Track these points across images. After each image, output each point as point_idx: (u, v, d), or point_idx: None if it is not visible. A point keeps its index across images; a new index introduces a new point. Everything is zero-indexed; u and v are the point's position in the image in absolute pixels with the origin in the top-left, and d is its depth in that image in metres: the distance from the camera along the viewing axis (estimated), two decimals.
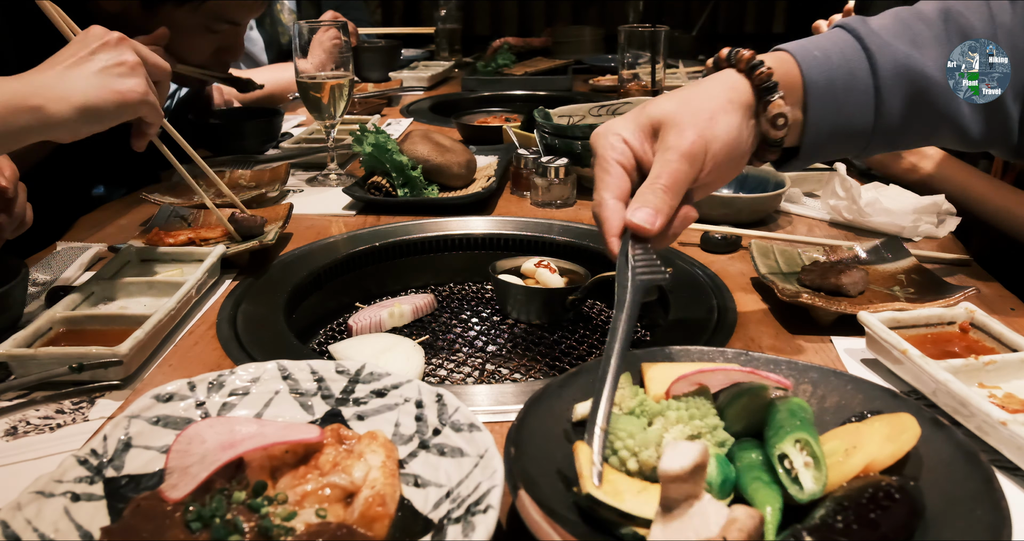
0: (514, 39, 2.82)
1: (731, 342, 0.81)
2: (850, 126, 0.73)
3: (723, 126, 0.68)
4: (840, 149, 0.77)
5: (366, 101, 2.05)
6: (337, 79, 1.30)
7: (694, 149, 0.66)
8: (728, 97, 0.69)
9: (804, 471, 0.51)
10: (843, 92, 0.72)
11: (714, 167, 0.68)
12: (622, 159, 0.68)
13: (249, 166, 1.41)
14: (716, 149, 0.67)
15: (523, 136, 1.49)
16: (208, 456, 0.52)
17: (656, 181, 0.66)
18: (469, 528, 0.46)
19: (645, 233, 0.64)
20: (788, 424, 0.54)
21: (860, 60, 0.72)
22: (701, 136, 0.66)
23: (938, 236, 1.10)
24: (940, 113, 0.74)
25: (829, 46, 0.73)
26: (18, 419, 0.68)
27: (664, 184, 0.65)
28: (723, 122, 0.68)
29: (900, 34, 0.73)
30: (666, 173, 0.66)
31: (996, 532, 0.45)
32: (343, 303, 1.06)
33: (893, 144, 0.78)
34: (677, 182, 0.66)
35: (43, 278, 0.97)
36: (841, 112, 0.72)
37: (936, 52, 0.73)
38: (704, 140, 0.67)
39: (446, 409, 0.57)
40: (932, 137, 0.79)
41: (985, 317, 0.76)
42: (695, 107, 0.68)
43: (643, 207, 0.65)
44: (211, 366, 0.77)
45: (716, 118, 0.68)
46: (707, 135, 0.67)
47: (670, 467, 0.46)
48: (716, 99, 0.69)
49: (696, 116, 0.67)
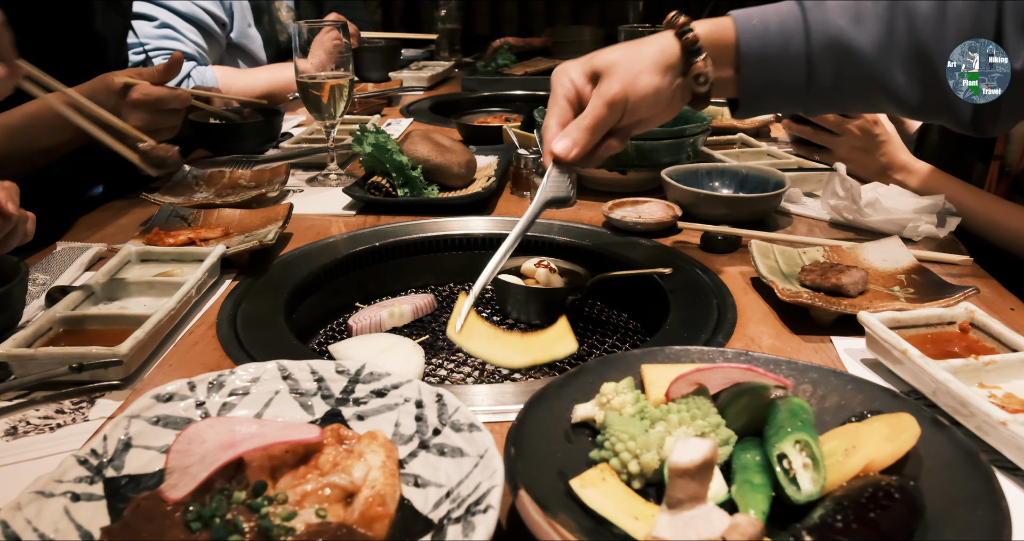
0: (514, 39, 2.82)
1: (731, 342, 0.81)
2: (782, 86, 0.85)
3: (644, 83, 0.81)
4: (778, 105, 0.90)
5: (366, 101, 2.05)
6: (337, 79, 1.30)
7: (616, 99, 0.80)
8: (655, 59, 0.82)
9: (802, 472, 0.51)
10: (776, 57, 0.83)
11: (633, 113, 0.83)
12: (568, 95, 0.84)
13: (249, 166, 1.41)
14: (635, 101, 0.82)
15: (523, 136, 1.49)
16: (208, 456, 0.52)
17: (582, 120, 0.81)
18: (469, 528, 0.46)
19: (561, 159, 0.81)
20: (789, 424, 0.54)
21: (798, 30, 0.82)
22: (623, 89, 0.80)
23: (938, 236, 1.10)
24: (872, 83, 0.83)
25: (771, 15, 0.84)
26: (18, 419, 0.68)
27: (586, 124, 0.81)
28: (645, 80, 0.81)
29: (846, 9, 0.82)
30: (591, 115, 0.81)
31: (996, 532, 0.45)
32: (343, 303, 1.06)
33: (832, 105, 0.89)
34: (597, 123, 0.81)
35: (43, 278, 0.97)
36: (773, 74, 0.84)
37: (873, 27, 0.81)
38: (626, 93, 0.81)
39: (446, 409, 0.57)
40: (871, 103, 0.87)
41: (985, 317, 0.76)
42: (627, 63, 0.82)
43: (564, 138, 0.81)
44: (211, 366, 0.77)
45: (640, 76, 0.81)
46: (629, 89, 0.81)
47: (680, 461, 0.46)
48: (645, 60, 0.82)
49: (626, 71, 0.81)
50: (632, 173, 1.25)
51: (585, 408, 0.60)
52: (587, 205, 1.25)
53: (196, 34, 1.97)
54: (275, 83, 2.02)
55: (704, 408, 0.57)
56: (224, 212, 1.13)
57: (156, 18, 1.91)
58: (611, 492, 0.52)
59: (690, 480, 0.46)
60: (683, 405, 0.58)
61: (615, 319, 1.03)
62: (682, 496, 0.47)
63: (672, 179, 1.17)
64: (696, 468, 0.46)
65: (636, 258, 1.03)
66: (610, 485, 0.53)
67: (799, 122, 1.38)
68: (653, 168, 1.24)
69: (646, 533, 0.48)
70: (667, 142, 1.22)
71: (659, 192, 1.24)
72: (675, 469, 0.46)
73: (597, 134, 0.82)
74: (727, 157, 1.41)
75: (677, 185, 1.15)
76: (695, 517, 0.47)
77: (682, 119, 1.36)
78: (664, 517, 0.47)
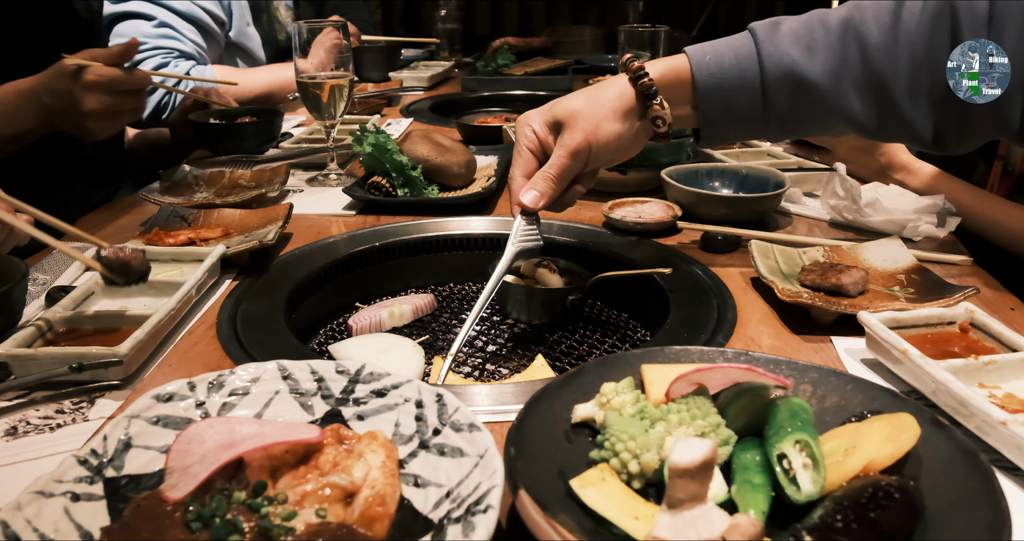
0: (514, 39, 2.82)
1: (731, 342, 0.81)
2: (739, 118, 0.87)
3: (605, 131, 0.85)
4: (738, 135, 0.92)
5: (366, 101, 2.05)
6: (337, 79, 1.30)
7: (579, 149, 0.84)
8: (613, 106, 0.85)
9: (802, 472, 0.51)
10: (731, 91, 0.85)
11: (596, 160, 0.87)
12: (531, 145, 0.87)
13: (249, 166, 1.41)
14: (597, 149, 0.85)
15: None
16: (208, 456, 0.52)
17: (547, 170, 0.85)
18: (469, 528, 0.46)
19: (529, 210, 0.85)
20: (789, 424, 0.54)
21: (752, 64, 0.85)
22: (586, 139, 0.84)
23: (938, 236, 1.10)
24: (828, 111, 0.85)
25: (725, 50, 0.86)
26: (18, 419, 0.68)
27: (551, 174, 0.85)
28: (606, 128, 0.85)
29: (799, 39, 0.84)
30: (555, 165, 0.85)
31: (996, 532, 0.45)
32: (343, 303, 1.06)
33: (792, 132, 0.92)
34: (562, 172, 0.85)
35: (43, 278, 0.97)
36: (731, 106, 0.86)
37: (825, 58, 0.83)
38: (588, 142, 0.84)
39: (446, 409, 0.57)
40: (828, 128, 0.89)
41: (985, 317, 0.76)
42: (588, 112, 0.85)
43: (531, 190, 0.85)
44: (211, 366, 0.77)
45: (601, 125, 0.85)
46: (591, 138, 0.84)
47: (680, 460, 0.46)
48: (605, 107, 0.85)
49: (587, 121, 0.84)
50: (632, 173, 1.25)
51: (585, 408, 0.60)
52: (587, 205, 1.25)
53: (195, 33, 1.97)
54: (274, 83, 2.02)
55: (704, 408, 0.57)
56: (224, 212, 1.13)
57: (155, 17, 1.91)
58: (611, 492, 0.52)
59: (690, 480, 0.46)
60: (683, 405, 0.58)
61: (615, 319, 1.03)
62: (682, 496, 0.47)
63: (672, 179, 1.17)
64: (696, 468, 0.46)
65: (636, 258, 1.03)
66: (610, 485, 0.53)
67: None
68: (653, 168, 1.24)
69: (646, 533, 0.48)
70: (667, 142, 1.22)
71: (659, 192, 1.24)
72: (675, 469, 0.46)
73: (562, 183, 0.86)
74: (727, 157, 1.41)
75: (677, 185, 1.15)
76: (695, 517, 0.47)
77: None
78: (664, 517, 0.47)
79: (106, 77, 1.15)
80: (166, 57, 1.89)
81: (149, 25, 1.90)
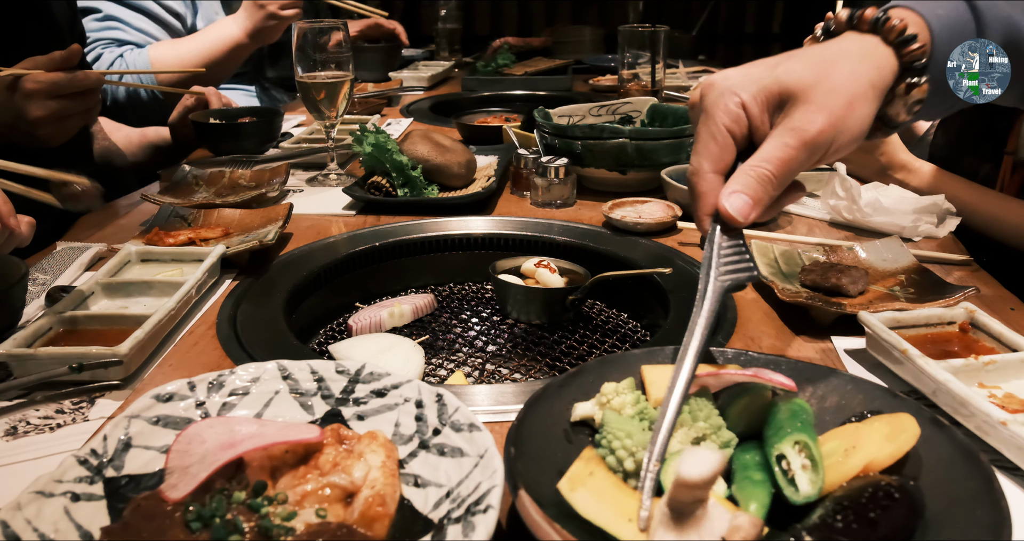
0: (514, 39, 2.82)
1: (731, 342, 0.81)
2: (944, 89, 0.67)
3: (858, 117, 0.58)
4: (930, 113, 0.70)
5: (366, 101, 2.05)
6: (337, 79, 1.30)
7: (820, 139, 0.57)
8: (871, 79, 0.59)
9: (800, 473, 0.51)
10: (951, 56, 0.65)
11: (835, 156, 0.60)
12: (734, 127, 0.59)
13: (249, 166, 1.41)
14: (842, 141, 0.58)
15: (523, 136, 1.49)
16: (208, 456, 0.52)
17: (763, 165, 0.57)
18: (469, 528, 0.46)
19: (734, 224, 0.58)
20: (789, 425, 0.54)
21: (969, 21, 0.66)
22: (832, 125, 0.57)
23: (938, 236, 1.10)
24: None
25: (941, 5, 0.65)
26: (18, 419, 0.68)
27: (771, 171, 0.57)
28: (860, 112, 0.58)
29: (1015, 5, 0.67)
30: (778, 159, 0.57)
31: (996, 532, 0.45)
32: (343, 303, 1.06)
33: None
34: (787, 171, 0.58)
35: (43, 278, 0.97)
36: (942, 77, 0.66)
37: None
38: (835, 130, 0.57)
39: (446, 409, 0.57)
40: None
41: (985, 317, 0.76)
42: (834, 84, 0.58)
43: (740, 193, 0.57)
44: (211, 366, 0.77)
45: (855, 106, 0.58)
46: (839, 125, 0.57)
47: (689, 475, 0.45)
48: (859, 80, 0.59)
49: (832, 97, 0.58)
50: (632, 173, 1.25)
51: (584, 406, 0.60)
52: (587, 205, 1.25)
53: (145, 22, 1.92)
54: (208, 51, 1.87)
55: (705, 409, 0.57)
56: (224, 212, 1.13)
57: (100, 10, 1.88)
58: (601, 490, 0.51)
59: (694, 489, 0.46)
60: (684, 406, 0.58)
61: (615, 319, 1.03)
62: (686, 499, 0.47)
63: (672, 179, 1.17)
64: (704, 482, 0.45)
65: (636, 258, 1.03)
66: (599, 480, 0.52)
67: None
68: (653, 168, 1.24)
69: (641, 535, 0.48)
70: (667, 142, 1.22)
71: (659, 192, 1.24)
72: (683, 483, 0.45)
73: (783, 186, 0.59)
74: None
75: (677, 185, 1.15)
76: (696, 518, 0.47)
77: (682, 119, 1.36)
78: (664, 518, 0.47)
79: (45, 82, 1.12)
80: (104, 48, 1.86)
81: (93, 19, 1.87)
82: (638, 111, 1.46)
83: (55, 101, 1.14)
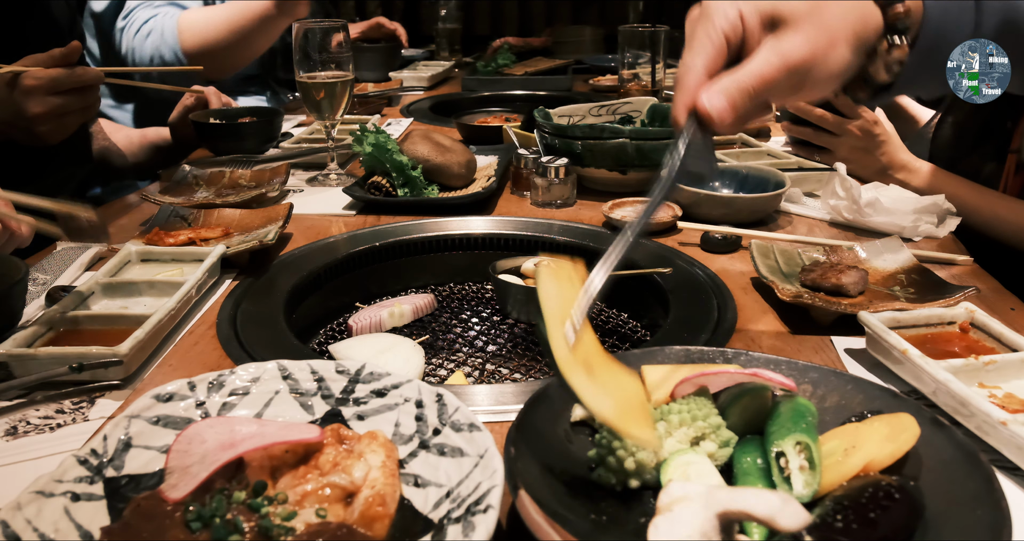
0: (514, 39, 2.82)
1: (731, 342, 0.81)
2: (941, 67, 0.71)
3: (837, 56, 0.64)
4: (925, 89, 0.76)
5: (366, 101, 2.05)
6: (337, 79, 1.30)
7: (799, 66, 0.63)
8: (855, 27, 0.65)
9: (797, 474, 0.51)
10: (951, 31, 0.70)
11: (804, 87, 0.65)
12: (731, 33, 0.64)
13: (249, 166, 1.41)
14: (818, 76, 0.64)
15: (523, 136, 1.49)
16: (208, 456, 0.52)
17: (747, 76, 0.62)
18: (469, 528, 0.46)
19: (709, 123, 0.62)
20: (793, 424, 0.54)
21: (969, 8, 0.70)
22: (812, 56, 0.63)
23: (938, 236, 1.10)
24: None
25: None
26: (18, 419, 0.68)
27: (752, 84, 0.62)
28: (838, 53, 0.64)
29: None
30: (760, 75, 0.62)
31: (996, 532, 0.45)
32: (343, 303, 1.06)
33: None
34: (766, 88, 0.63)
35: (43, 278, 0.97)
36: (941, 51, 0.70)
37: None
38: (813, 61, 0.63)
39: (446, 409, 0.57)
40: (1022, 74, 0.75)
41: (985, 317, 0.76)
42: (823, 20, 0.63)
43: (721, 95, 0.62)
44: (211, 366, 0.77)
45: (836, 45, 0.64)
46: (818, 58, 0.63)
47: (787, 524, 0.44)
48: (845, 23, 0.64)
49: (819, 31, 0.63)
50: (632, 173, 1.25)
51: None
52: (587, 205, 1.25)
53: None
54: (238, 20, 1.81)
55: (705, 409, 0.57)
56: (224, 212, 1.13)
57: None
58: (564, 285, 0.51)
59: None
60: (684, 405, 0.58)
61: (615, 319, 1.03)
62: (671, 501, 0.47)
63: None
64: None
65: (636, 258, 1.02)
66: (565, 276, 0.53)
67: (799, 123, 1.38)
68: (653, 168, 1.24)
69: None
70: (667, 142, 1.22)
71: None
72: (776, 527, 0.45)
73: (759, 99, 0.64)
74: (727, 157, 1.41)
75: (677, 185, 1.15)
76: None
77: None
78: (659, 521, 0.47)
79: (45, 79, 1.12)
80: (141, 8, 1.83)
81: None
82: (638, 111, 1.46)
83: (55, 97, 1.13)
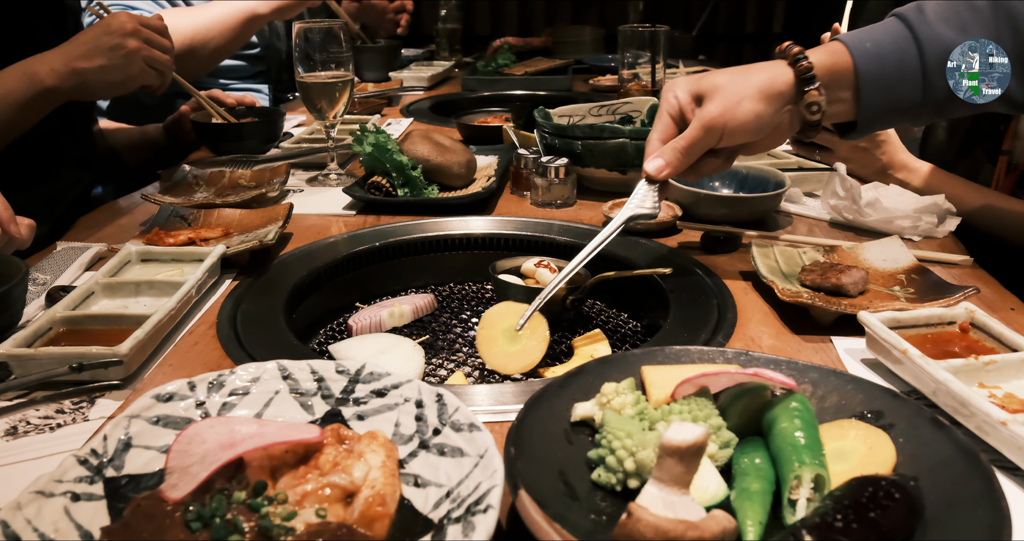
0: (514, 39, 2.82)
1: (731, 342, 0.81)
2: (900, 105, 0.84)
3: (745, 109, 0.82)
4: (892, 122, 0.90)
5: (366, 101, 2.05)
6: (337, 79, 1.30)
7: (714, 123, 0.82)
8: (760, 87, 0.83)
9: (804, 502, 0.51)
10: (894, 78, 0.83)
11: (731, 137, 0.84)
12: (673, 112, 0.87)
13: (249, 166, 1.41)
14: (733, 127, 0.83)
15: (523, 136, 1.49)
16: (208, 456, 0.52)
17: (678, 141, 0.84)
18: (469, 528, 0.46)
19: (652, 177, 0.86)
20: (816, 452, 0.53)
21: (910, 48, 0.82)
22: (723, 115, 0.82)
23: (938, 236, 1.10)
24: None
25: (881, 36, 0.84)
26: (18, 419, 0.68)
27: (681, 145, 0.84)
28: (746, 107, 0.82)
29: (950, 21, 0.82)
30: (687, 137, 0.84)
31: (996, 532, 0.45)
32: (343, 303, 1.06)
33: (943, 114, 0.89)
34: (692, 144, 0.84)
35: (43, 278, 0.97)
36: (891, 94, 0.84)
37: (981, 36, 0.82)
38: (724, 118, 0.82)
39: (446, 409, 0.57)
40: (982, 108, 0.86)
41: (985, 317, 0.76)
42: (732, 90, 0.83)
43: (657, 158, 0.85)
44: (211, 366, 0.77)
45: (742, 104, 0.82)
46: (728, 115, 0.82)
47: (672, 439, 0.47)
48: (750, 87, 0.83)
49: (728, 97, 0.82)
50: (632, 173, 1.25)
51: (585, 406, 0.60)
52: (587, 205, 1.25)
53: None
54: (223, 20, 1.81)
55: (706, 410, 0.57)
56: (224, 212, 1.13)
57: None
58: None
59: (678, 461, 0.48)
60: (684, 406, 0.58)
61: (615, 319, 1.03)
62: (667, 477, 0.48)
63: (672, 179, 1.17)
64: (686, 449, 0.47)
65: (636, 258, 1.03)
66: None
67: None
68: None
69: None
70: None
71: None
72: (666, 447, 0.48)
73: (691, 156, 0.85)
74: None
75: (677, 185, 1.15)
76: (674, 503, 0.48)
77: None
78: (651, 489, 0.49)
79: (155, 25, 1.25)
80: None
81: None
82: (638, 111, 1.46)
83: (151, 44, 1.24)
